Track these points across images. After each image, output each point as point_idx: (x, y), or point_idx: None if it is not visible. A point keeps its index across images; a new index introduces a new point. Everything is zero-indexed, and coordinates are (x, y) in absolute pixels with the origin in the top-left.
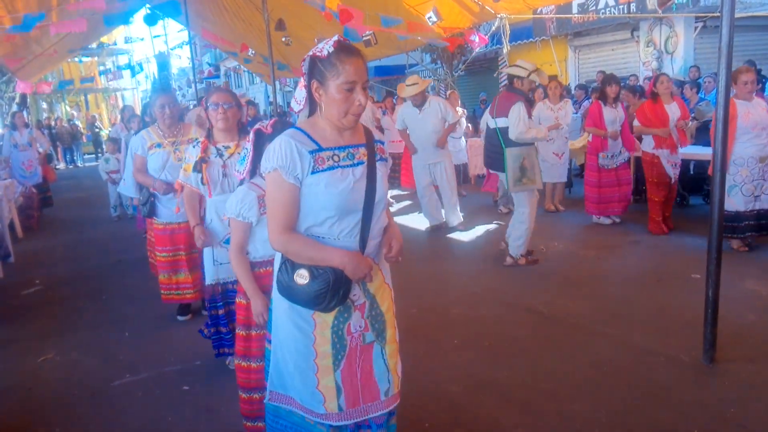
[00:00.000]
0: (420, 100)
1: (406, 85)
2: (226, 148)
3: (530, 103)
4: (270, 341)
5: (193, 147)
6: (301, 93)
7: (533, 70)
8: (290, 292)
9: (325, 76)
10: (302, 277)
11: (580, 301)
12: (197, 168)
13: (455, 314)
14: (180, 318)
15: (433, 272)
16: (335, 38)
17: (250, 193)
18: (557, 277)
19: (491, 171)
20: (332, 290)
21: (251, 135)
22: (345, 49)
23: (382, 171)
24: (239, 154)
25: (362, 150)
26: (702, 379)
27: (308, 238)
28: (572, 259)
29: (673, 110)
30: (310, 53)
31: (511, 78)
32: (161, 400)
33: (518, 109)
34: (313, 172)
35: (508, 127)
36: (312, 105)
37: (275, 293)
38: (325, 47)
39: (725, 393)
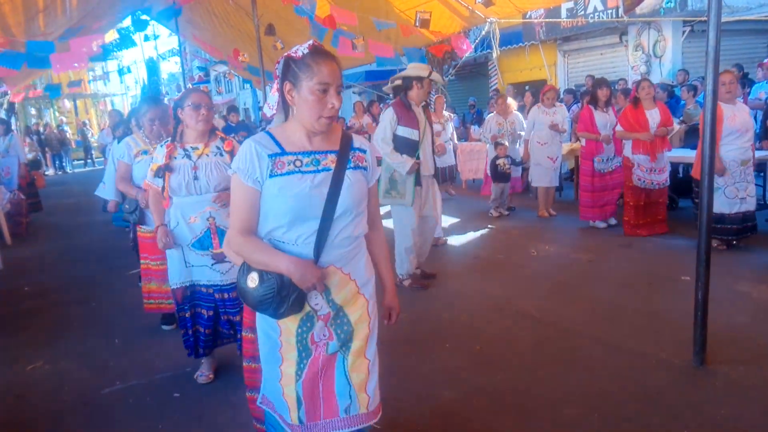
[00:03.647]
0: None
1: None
2: (194, 149)
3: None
4: None
5: (161, 147)
6: (273, 97)
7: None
8: (242, 294)
9: (299, 78)
10: (252, 280)
11: (571, 305)
12: (159, 174)
13: (446, 319)
14: (165, 328)
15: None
16: (310, 42)
17: None
18: (549, 280)
19: None
20: (278, 297)
21: None
22: (320, 52)
23: (353, 179)
24: (207, 156)
25: (331, 156)
26: (693, 382)
27: (260, 242)
28: (563, 262)
29: (653, 116)
30: (284, 55)
31: (408, 82)
32: (152, 408)
33: (384, 114)
34: (271, 176)
35: (404, 136)
36: (285, 109)
37: None
38: (300, 49)
39: (716, 395)
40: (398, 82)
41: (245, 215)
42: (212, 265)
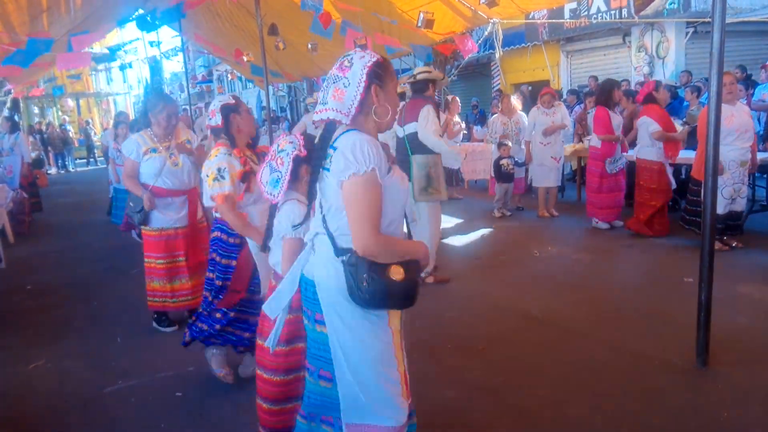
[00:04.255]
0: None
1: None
2: (250, 157)
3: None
4: (319, 375)
5: (226, 155)
6: (344, 104)
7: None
8: (384, 296)
9: (385, 80)
10: (398, 273)
11: (574, 305)
12: (246, 179)
13: (449, 318)
14: (168, 330)
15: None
16: (359, 49)
17: (301, 207)
18: (551, 281)
19: None
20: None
21: (290, 160)
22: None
23: None
24: (255, 162)
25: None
26: (695, 383)
27: (390, 235)
28: (566, 263)
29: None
30: (374, 59)
31: (423, 85)
32: (154, 407)
33: (427, 110)
34: (387, 173)
35: (416, 133)
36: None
37: (352, 318)
38: (375, 53)
39: (718, 396)
40: (406, 88)
41: (379, 214)
42: None
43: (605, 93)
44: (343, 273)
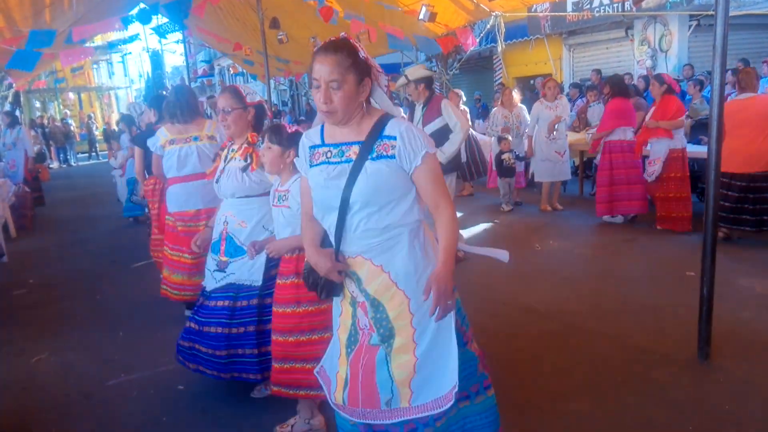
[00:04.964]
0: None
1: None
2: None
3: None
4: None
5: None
6: None
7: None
8: None
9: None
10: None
11: (576, 299)
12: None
13: None
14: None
15: None
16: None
17: None
18: (553, 274)
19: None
20: (309, 279)
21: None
22: (320, 48)
23: (371, 170)
24: (235, 159)
25: (355, 148)
26: (697, 377)
27: (308, 229)
28: (568, 256)
29: None
30: None
31: (430, 81)
32: (156, 400)
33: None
34: (311, 166)
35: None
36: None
37: None
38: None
39: (720, 390)
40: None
41: (306, 201)
42: (213, 271)
43: (622, 84)
44: None
